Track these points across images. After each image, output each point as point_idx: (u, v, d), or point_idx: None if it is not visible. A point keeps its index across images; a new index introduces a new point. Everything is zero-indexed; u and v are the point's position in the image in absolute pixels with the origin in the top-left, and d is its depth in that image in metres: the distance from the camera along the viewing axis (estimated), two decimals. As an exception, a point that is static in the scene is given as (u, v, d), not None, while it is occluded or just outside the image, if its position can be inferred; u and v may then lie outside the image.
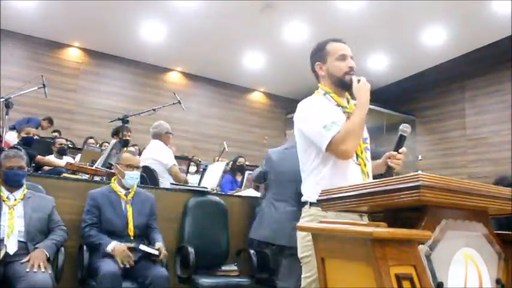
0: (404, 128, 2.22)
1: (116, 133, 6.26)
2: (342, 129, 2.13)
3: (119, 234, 3.43)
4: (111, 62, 11.63)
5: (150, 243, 3.53)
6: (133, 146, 7.47)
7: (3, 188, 3.20)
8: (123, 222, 3.48)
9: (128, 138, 6.02)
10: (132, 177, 3.64)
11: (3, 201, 3.12)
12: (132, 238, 3.45)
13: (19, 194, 3.22)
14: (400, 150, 2.24)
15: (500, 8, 9.17)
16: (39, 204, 3.26)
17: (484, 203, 1.50)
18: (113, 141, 5.24)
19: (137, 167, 3.72)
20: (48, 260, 2.99)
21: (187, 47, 11.07)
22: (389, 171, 2.24)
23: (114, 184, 3.66)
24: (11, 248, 2.99)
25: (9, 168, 3.20)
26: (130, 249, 3.32)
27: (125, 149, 5.50)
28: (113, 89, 11.58)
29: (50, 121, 8.94)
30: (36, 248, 3.02)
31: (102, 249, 3.30)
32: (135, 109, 8.07)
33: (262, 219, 3.85)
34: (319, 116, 2.18)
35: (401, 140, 2.24)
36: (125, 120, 5.07)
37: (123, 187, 3.63)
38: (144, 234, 3.59)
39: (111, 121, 5.51)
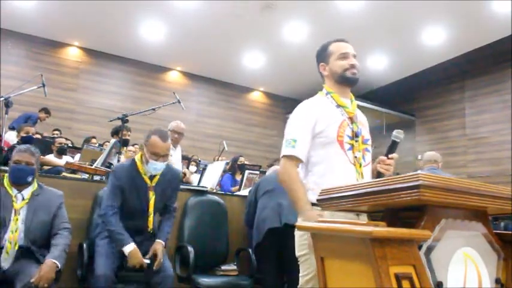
0: (398, 133, 2.19)
1: (115, 132, 6.26)
2: (287, 172, 2.22)
3: (140, 230, 3.31)
4: (110, 61, 11.63)
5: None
6: (133, 145, 7.47)
7: (13, 187, 3.03)
8: (144, 216, 3.31)
9: (127, 137, 6.02)
10: (156, 168, 3.28)
11: (12, 201, 2.97)
12: (150, 233, 3.35)
13: (27, 192, 3.04)
14: (390, 156, 2.22)
15: (500, 8, 9.16)
16: (46, 203, 3.08)
17: (484, 203, 1.50)
18: (113, 140, 5.23)
19: (163, 156, 3.27)
20: (59, 271, 2.85)
21: (187, 46, 11.07)
22: (379, 176, 2.20)
23: (139, 163, 3.33)
24: (6, 263, 2.87)
25: (16, 162, 3.02)
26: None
27: (125, 148, 5.51)
28: (112, 88, 11.59)
29: (47, 111, 8.94)
30: (44, 255, 2.90)
31: (118, 244, 3.14)
32: (135, 108, 8.08)
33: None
34: (292, 128, 2.28)
35: (393, 146, 2.22)
36: (124, 119, 5.06)
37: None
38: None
39: (111, 120, 5.50)
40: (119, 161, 4.67)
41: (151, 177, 3.34)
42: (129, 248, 3.12)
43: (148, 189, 3.32)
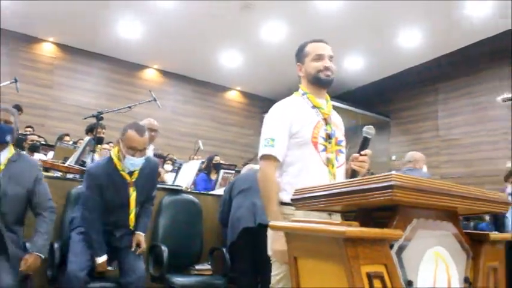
0: (368, 130, 2.19)
1: (90, 130, 6.18)
2: (264, 172, 2.25)
3: (120, 225, 3.27)
4: (86, 58, 11.48)
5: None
6: (108, 143, 7.39)
7: None
8: (125, 213, 3.26)
9: (102, 135, 5.94)
10: (133, 164, 3.15)
11: None
12: (131, 229, 3.32)
13: (4, 157, 2.85)
14: (363, 152, 2.22)
15: (474, 13, 9.37)
16: (22, 172, 2.90)
17: (454, 203, 1.52)
18: (87, 138, 5.16)
19: (141, 150, 3.14)
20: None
21: (165, 44, 11.00)
22: (354, 174, 2.21)
23: (116, 159, 3.20)
24: None
25: None
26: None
27: (99, 146, 5.43)
28: (88, 85, 11.44)
29: (19, 108, 8.73)
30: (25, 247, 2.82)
31: (94, 252, 3.13)
32: (111, 106, 7.99)
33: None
34: (269, 127, 2.30)
35: (365, 142, 2.22)
36: (99, 117, 4.98)
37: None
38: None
39: (85, 118, 5.42)
40: (92, 159, 4.60)
41: (131, 173, 3.24)
42: (101, 259, 3.13)
43: (129, 185, 3.23)
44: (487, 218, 6.50)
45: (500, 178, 6.30)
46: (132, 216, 3.29)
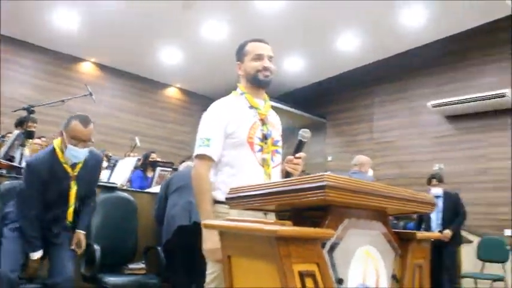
0: (304, 133, 2.20)
1: (19, 124, 5.91)
2: (197, 172, 2.24)
3: (58, 220, 3.18)
4: (18, 47, 10.91)
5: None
6: (39, 138, 7.10)
7: None
8: (64, 208, 3.17)
9: (32, 129, 5.70)
10: (76, 156, 3.04)
11: None
12: (69, 224, 3.24)
13: None
14: (297, 155, 2.24)
15: (410, 21, 9.76)
16: None
17: (383, 203, 1.58)
18: (16, 132, 4.93)
19: (85, 141, 3.03)
20: None
21: (103, 37, 10.67)
22: (288, 176, 2.22)
23: (59, 151, 3.07)
24: None
25: None
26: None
27: (30, 141, 5.21)
28: (19, 76, 10.88)
29: None
30: None
31: (29, 247, 3.05)
32: (43, 99, 7.68)
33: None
34: (206, 127, 2.30)
35: (300, 145, 2.23)
36: (30, 110, 4.77)
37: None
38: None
39: (15, 110, 5.17)
40: (22, 154, 4.40)
41: (74, 165, 3.13)
42: (37, 255, 3.06)
43: (70, 179, 3.13)
44: (415, 217, 6.78)
45: (429, 180, 6.61)
46: (70, 211, 3.20)
